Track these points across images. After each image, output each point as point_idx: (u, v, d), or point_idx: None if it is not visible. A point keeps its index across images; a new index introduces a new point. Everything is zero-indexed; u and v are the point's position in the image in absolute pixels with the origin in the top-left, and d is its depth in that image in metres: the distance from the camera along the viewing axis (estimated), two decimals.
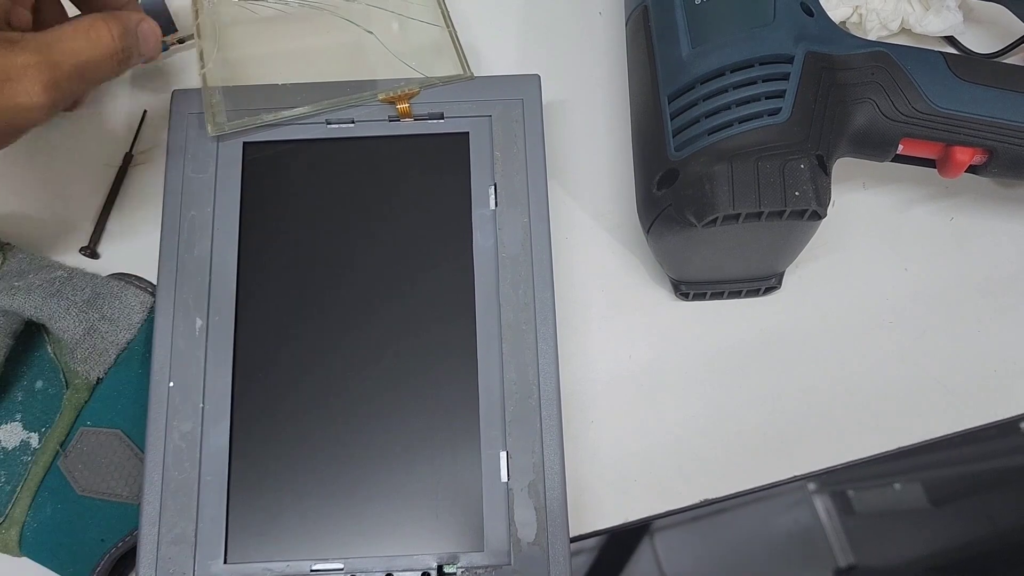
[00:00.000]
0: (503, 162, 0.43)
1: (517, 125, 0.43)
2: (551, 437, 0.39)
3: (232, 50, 0.46)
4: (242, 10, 0.47)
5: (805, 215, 0.36)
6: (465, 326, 0.40)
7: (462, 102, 0.43)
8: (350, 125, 0.43)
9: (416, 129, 0.43)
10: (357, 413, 0.39)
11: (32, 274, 0.41)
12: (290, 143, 0.43)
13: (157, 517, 0.37)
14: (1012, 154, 0.39)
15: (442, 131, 0.43)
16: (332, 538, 0.37)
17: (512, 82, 0.44)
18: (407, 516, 0.38)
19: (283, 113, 0.43)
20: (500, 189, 0.42)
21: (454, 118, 0.43)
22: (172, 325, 0.40)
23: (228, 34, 0.46)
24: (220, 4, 0.47)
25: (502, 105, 0.43)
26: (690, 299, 0.44)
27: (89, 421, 0.40)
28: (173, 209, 0.41)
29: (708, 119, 0.37)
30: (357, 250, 0.41)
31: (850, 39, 0.40)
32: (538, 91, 0.44)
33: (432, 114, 0.43)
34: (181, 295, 0.40)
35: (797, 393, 0.43)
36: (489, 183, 0.42)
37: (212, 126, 0.42)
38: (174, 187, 0.42)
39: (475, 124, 0.43)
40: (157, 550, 0.37)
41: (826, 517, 1.04)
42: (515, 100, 0.44)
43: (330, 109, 0.43)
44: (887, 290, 0.45)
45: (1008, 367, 0.43)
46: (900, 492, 1.06)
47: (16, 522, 0.38)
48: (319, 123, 0.43)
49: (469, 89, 0.44)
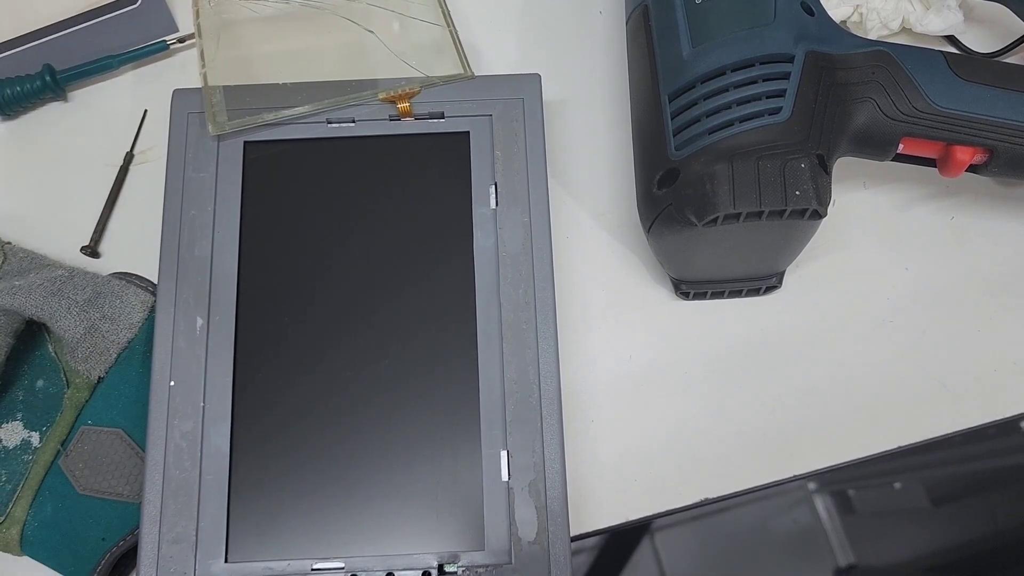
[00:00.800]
0: (504, 161, 0.43)
1: (518, 124, 0.43)
2: (552, 436, 0.39)
3: (233, 49, 0.46)
4: (243, 9, 0.47)
5: (806, 214, 0.36)
6: (466, 325, 0.40)
7: (463, 101, 0.43)
8: (351, 124, 0.43)
9: (417, 128, 0.43)
10: (358, 412, 0.39)
11: (33, 273, 0.41)
12: (291, 142, 0.43)
13: (158, 516, 0.37)
14: (1012, 153, 0.39)
15: (443, 130, 0.43)
16: (333, 537, 0.37)
17: (513, 81, 0.44)
18: (408, 515, 0.38)
19: (284, 112, 0.43)
20: (501, 188, 0.42)
21: (455, 117, 0.43)
22: (173, 324, 0.40)
23: (229, 33, 0.46)
24: (221, 3, 0.47)
25: (503, 104, 0.43)
26: (690, 298, 0.44)
27: (90, 420, 0.40)
28: (174, 209, 0.41)
29: (709, 118, 0.37)
30: (358, 249, 0.41)
31: (851, 38, 0.40)
32: (539, 90, 0.44)
33: (433, 113, 0.43)
34: (182, 294, 0.40)
35: (797, 392, 0.43)
36: (490, 182, 0.42)
37: (213, 125, 0.42)
38: (175, 187, 0.42)
39: (476, 123, 0.43)
40: (158, 549, 0.37)
41: (826, 517, 1.04)
42: (516, 99, 0.44)
43: (331, 108, 0.43)
44: (887, 289, 0.45)
45: (1008, 367, 0.43)
46: (900, 492, 1.06)
47: (17, 521, 0.38)
48: (320, 122, 0.43)
49: (470, 88, 0.44)
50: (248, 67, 0.46)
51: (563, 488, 0.38)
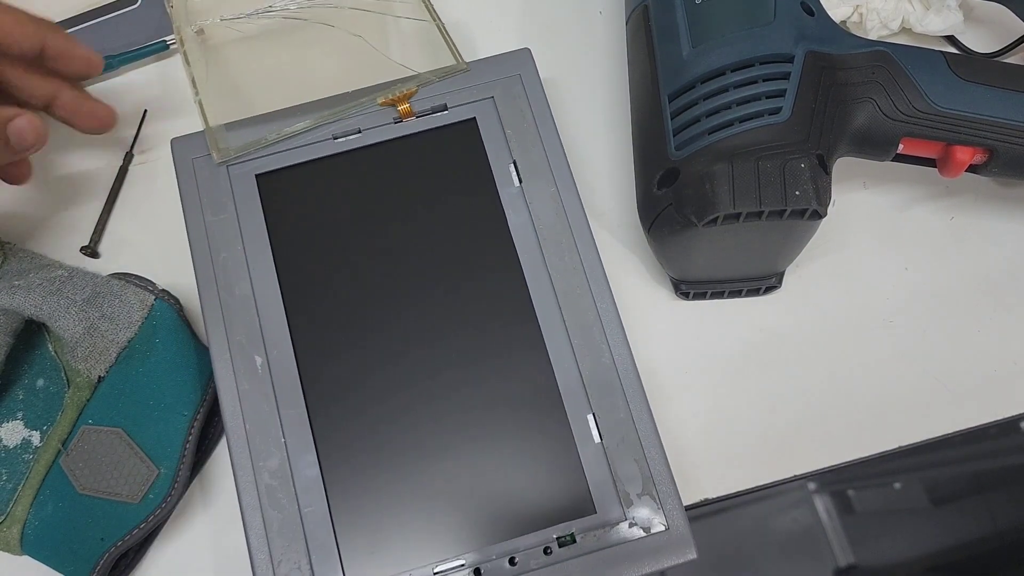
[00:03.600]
0: (516, 138, 0.43)
1: (521, 100, 0.43)
2: (632, 389, 0.39)
3: (223, 73, 0.46)
4: (227, 31, 0.47)
5: (805, 214, 0.36)
6: (522, 304, 0.40)
7: (462, 90, 0.44)
8: (357, 135, 0.43)
9: (423, 125, 0.43)
10: (437, 413, 0.39)
11: (32, 273, 0.41)
12: (302, 166, 0.42)
13: (269, 560, 0.36)
14: (1012, 153, 0.39)
15: (449, 121, 0.43)
16: (446, 537, 0.37)
17: (505, 60, 0.44)
18: (514, 499, 0.37)
19: (286, 130, 0.42)
20: (520, 165, 0.42)
21: (457, 107, 0.43)
22: (232, 369, 0.39)
23: (216, 56, 0.46)
24: (205, 29, 0.46)
25: (501, 84, 0.44)
26: (690, 299, 0.44)
27: (91, 420, 0.40)
28: (203, 255, 0.41)
29: (709, 118, 0.37)
30: (396, 255, 0.41)
31: (850, 38, 0.40)
32: (532, 63, 0.44)
33: (435, 107, 0.43)
34: (234, 337, 0.39)
35: (797, 392, 0.43)
36: (508, 161, 0.42)
37: (217, 153, 0.42)
38: (198, 234, 0.41)
39: (479, 108, 0.43)
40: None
41: (826, 517, 1.04)
42: (513, 76, 0.44)
43: (332, 120, 0.43)
44: (887, 290, 0.45)
45: (1008, 367, 0.43)
46: (900, 491, 1.06)
47: (18, 520, 0.38)
48: (326, 139, 0.43)
49: (466, 76, 0.44)
50: (241, 88, 0.45)
51: (656, 436, 0.38)
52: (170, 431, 0.39)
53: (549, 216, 0.41)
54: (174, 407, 0.40)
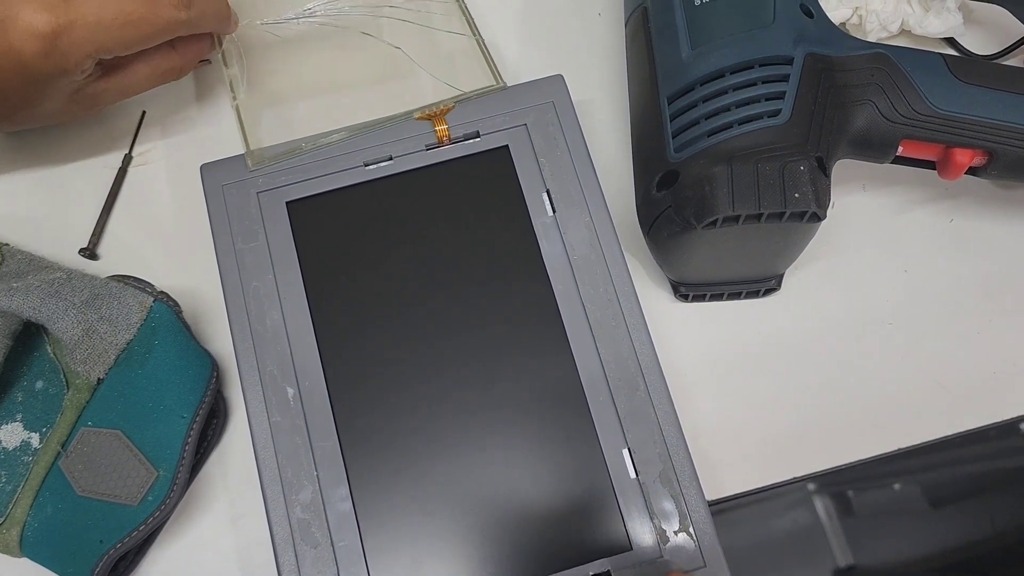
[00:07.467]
0: (550, 167, 0.42)
1: (554, 128, 0.43)
2: (668, 423, 0.38)
3: (260, 75, 0.45)
4: (264, 33, 0.46)
5: (805, 217, 0.36)
6: (556, 336, 0.40)
7: (494, 116, 0.43)
8: (389, 162, 0.42)
9: (455, 153, 0.42)
10: (472, 445, 0.38)
11: (31, 275, 0.41)
12: (332, 193, 0.42)
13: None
14: (1012, 156, 0.39)
15: (481, 149, 0.42)
16: (479, 574, 0.37)
17: (539, 86, 0.44)
18: (549, 536, 0.37)
19: (321, 140, 0.42)
20: (554, 194, 0.42)
21: (489, 134, 0.43)
22: (264, 401, 0.39)
23: (254, 58, 0.46)
24: (243, 28, 0.46)
25: (535, 111, 0.43)
26: (689, 300, 0.44)
27: (90, 422, 0.40)
28: (233, 284, 0.40)
29: (708, 121, 0.37)
30: (428, 284, 0.41)
31: (850, 40, 0.40)
32: (565, 90, 0.43)
33: (468, 134, 0.43)
34: (265, 368, 0.39)
35: (796, 395, 0.43)
36: (542, 190, 0.42)
37: (252, 159, 0.42)
38: (228, 263, 0.41)
39: (512, 135, 0.43)
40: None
41: (826, 517, 1.03)
42: (546, 104, 0.43)
43: (366, 130, 0.42)
44: (887, 292, 0.45)
45: (1008, 368, 0.43)
46: (900, 493, 1.06)
47: (17, 522, 0.38)
48: (356, 166, 0.42)
49: (498, 102, 0.43)
50: (278, 92, 0.45)
51: (692, 471, 0.38)
52: (169, 433, 0.39)
53: (583, 246, 0.41)
54: (173, 409, 0.40)
